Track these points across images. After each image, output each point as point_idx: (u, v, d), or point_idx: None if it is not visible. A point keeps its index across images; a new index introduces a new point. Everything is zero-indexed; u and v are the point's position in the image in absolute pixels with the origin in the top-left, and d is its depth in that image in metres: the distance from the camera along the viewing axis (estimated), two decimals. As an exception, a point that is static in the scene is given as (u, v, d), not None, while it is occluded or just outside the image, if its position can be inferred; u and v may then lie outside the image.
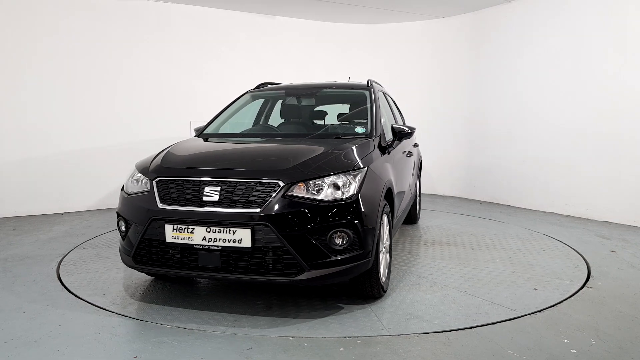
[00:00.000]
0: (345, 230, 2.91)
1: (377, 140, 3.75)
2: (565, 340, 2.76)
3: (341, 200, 2.92)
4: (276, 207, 2.84)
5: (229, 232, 2.87)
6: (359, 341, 2.76)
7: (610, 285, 3.69)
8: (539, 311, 3.18)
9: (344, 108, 4.76)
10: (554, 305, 3.27)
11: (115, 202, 7.01)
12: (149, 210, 3.04)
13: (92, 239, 5.18)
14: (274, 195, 2.87)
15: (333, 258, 2.90)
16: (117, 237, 5.26)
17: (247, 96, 4.75)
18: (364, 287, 3.27)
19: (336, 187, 2.96)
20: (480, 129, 7.77)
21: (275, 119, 4.83)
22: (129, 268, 4.11)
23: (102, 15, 6.82)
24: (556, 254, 4.53)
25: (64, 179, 6.72)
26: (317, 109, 4.69)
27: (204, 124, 4.54)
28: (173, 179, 3.11)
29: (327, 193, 2.92)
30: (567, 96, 6.42)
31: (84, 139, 6.82)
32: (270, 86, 5.01)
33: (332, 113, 4.67)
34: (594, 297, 3.44)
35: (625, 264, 4.23)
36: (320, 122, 4.49)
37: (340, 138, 3.72)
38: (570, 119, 6.38)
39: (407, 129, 4.10)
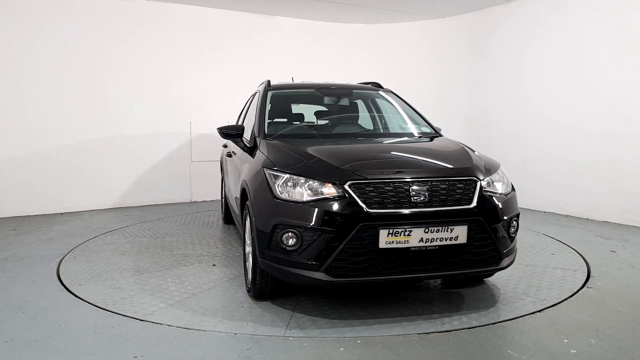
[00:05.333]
0: (516, 219, 3.27)
1: None
2: (565, 340, 2.76)
3: (510, 193, 3.28)
4: (483, 202, 3.03)
5: (447, 231, 2.89)
6: (358, 341, 2.76)
7: (610, 285, 3.69)
8: (539, 311, 3.17)
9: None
10: (554, 305, 3.27)
11: (115, 202, 7.08)
12: (354, 216, 2.81)
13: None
14: (475, 191, 3.04)
15: (511, 245, 3.20)
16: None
17: (269, 94, 4.40)
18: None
19: (503, 182, 3.30)
20: (480, 129, 7.77)
21: (309, 117, 4.73)
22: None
23: (102, 15, 6.82)
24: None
25: (64, 179, 6.72)
26: (348, 108, 4.79)
27: (227, 124, 4.26)
28: (370, 181, 2.91)
29: (503, 187, 3.25)
30: (567, 96, 6.42)
31: (84, 139, 6.82)
32: (289, 84, 4.87)
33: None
34: (594, 297, 3.44)
35: (625, 264, 4.23)
36: (377, 121, 4.62)
37: (422, 137, 4.10)
38: (570, 119, 6.38)
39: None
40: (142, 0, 7.05)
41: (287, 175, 3.03)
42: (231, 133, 4.08)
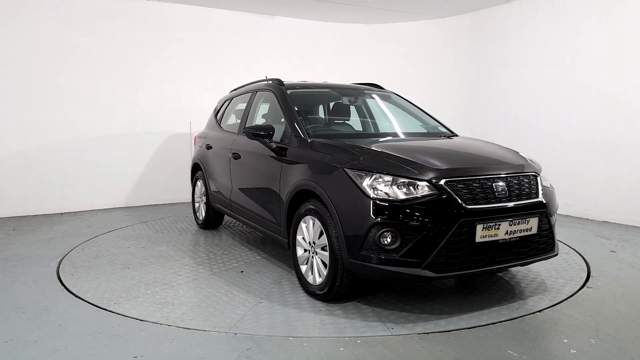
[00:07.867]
0: (556, 211, 3.50)
1: None
2: (565, 340, 2.76)
3: (551, 187, 3.54)
4: (546, 195, 3.32)
5: (525, 223, 3.11)
6: (358, 341, 2.76)
7: (610, 285, 3.69)
8: (539, 311, 3.18)
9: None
10: (554, 305, 3.27)
11: (115, 202, 7.08)
12: (455, 212, 2.89)
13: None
14: (539, 185, 3.32)
15: (556, 234, 3.44)
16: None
17: (289, 93, 4.29)
18: None
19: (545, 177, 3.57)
20: (480, 129, 7.75)
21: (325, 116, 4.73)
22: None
23: (102, 14, 6.82)
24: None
25: (64, 179, 6.72)
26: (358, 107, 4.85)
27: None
28: (461, 178, 3.03)
29: (548, 182, 3.52)
30: (567, 96, 6.41)
31: (84, 139, 6.81)
32: (302, 83, 4.73)
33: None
34: (594, 297, 3.44)
35: (625, 264, 4.23)
36: (394, 121, 4.66)
37: (443, 136, 4.28)
38: (570, 118, 6.37)
39: None
40: (142, 0, 7.05)
41: (375, 174, 3.01)
42: (262, 134, 3.90)
